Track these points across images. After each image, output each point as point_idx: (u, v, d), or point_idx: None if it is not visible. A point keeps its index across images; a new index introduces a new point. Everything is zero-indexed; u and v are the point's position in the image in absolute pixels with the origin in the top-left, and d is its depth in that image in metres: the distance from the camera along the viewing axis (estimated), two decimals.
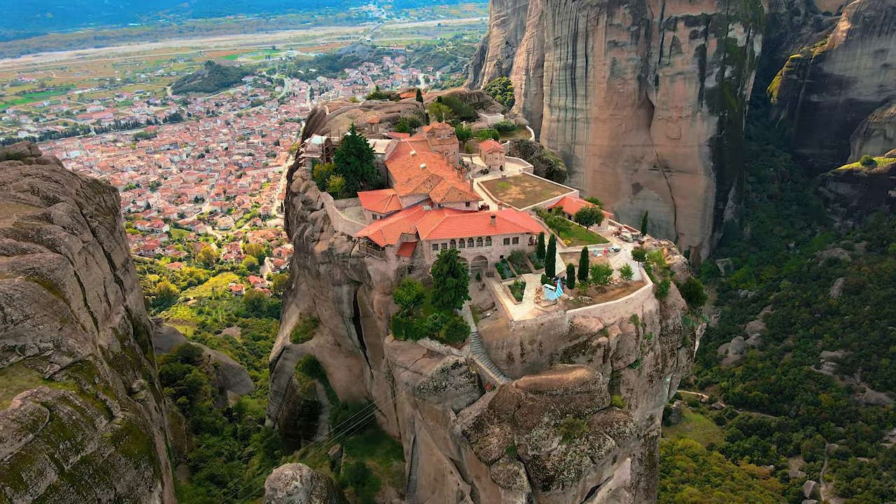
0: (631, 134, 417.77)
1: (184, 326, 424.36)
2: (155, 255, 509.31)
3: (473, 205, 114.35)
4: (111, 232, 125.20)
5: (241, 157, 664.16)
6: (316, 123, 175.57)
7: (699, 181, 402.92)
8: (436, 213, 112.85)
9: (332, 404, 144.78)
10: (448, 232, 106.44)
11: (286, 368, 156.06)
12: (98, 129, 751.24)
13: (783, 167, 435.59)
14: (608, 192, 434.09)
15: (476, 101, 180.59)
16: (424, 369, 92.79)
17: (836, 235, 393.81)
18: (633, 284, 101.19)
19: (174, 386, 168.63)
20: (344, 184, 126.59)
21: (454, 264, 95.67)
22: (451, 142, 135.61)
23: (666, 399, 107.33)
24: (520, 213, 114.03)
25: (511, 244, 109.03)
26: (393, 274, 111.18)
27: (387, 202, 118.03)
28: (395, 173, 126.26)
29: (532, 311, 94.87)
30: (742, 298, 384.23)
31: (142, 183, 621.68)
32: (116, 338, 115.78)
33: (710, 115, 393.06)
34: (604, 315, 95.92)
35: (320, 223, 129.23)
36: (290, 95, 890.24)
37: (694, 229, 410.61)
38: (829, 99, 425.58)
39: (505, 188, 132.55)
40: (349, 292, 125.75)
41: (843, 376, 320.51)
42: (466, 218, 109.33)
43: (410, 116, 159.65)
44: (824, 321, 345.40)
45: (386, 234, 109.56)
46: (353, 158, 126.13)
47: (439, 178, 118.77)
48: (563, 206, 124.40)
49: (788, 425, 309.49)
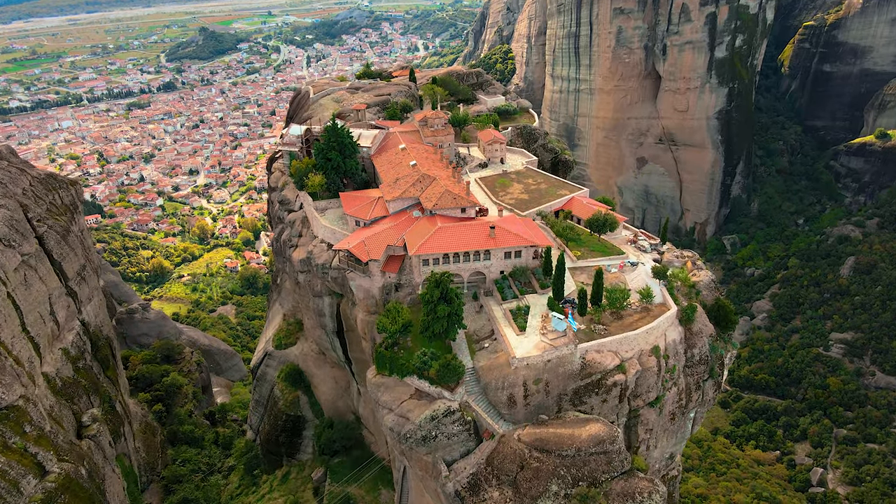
0: (636, 106, 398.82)
1: (177, 305, 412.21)
2: (148, 230, 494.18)
3: (470, 210, 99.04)
4: (64, 236, 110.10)
5: (236, 127, 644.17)
6: (300, 106, 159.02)
7: (706, 155, 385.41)
8: (427, 220, 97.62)
9: (317, 419, 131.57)
10: (440, 245, 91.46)
11: (268, 377, 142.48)
12: (91, 99, 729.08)
13: (793, 140, 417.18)
14: (612, 166, 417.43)
15: (475, 82, 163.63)
16: (412, 414, 78.69)
17: (846, 212, 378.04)
18: (654, 308, 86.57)
19: (150, 391, 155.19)
20: (324, 183, 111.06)
21: (446, 290, 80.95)
22: (445, 132, 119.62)
23: (689, 434, 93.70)
24: (522, 221, 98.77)
25: (513, 258, 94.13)
26: (378, 292, 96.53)
27: (371, 206, 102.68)
28: (382, 171, 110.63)
29: (537, 344, 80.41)
30: (748, 277, 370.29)
31: (135, 154, 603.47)
32: (68, 360, 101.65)
33: (720, 86, 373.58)
34: (621, 348, 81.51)
35: (298, 226, 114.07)
36: (286, 63, 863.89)
37: (700, 205, 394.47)
38: (843, 69, 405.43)
39: (506, 186, 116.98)
40: (331, 304, 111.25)
41: (853, 359, 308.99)
42: (462, 227, 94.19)
43: (402, 100, 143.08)
44: (833, 301, 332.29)
45: (369, 246, 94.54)
46: (335, 154, 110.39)
47: (431, 179, 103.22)
48: (572, 209, 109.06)
49: (795, 409, 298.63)
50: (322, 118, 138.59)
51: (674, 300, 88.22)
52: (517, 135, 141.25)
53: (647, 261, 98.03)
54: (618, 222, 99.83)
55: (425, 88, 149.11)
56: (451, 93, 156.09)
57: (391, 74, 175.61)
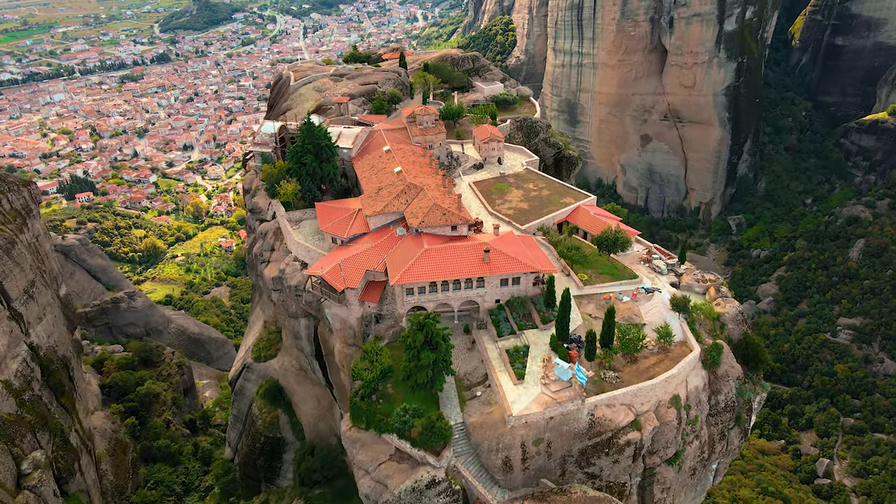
0: (641, 81, 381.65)
1: (170, 286, 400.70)
2: (141, 209, 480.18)
3: (461, 228, 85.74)
4: (7, 250, 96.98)
5: (231, 100, 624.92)
6: (280, 95, 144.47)
7: (713, 133, 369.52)
8: (412, 240, 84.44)
9: (298, 441, 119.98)
10: (426, 272, 78.44)
11: (247, 391, 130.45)
12: (83, 71, 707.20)
13: (802, 116, 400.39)
14: (615, 143, 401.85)
15: (470, 67, 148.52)
16: (391, 481, 66.59)
17: (856, 191, 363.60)
18: (674, 348, 74.00)
19: (124, 401, 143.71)
20: (298, 191, 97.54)
21: (432, 333, 68.25)
22: (435, 130, 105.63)
23: (710, 485, 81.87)
24: (521, 240, 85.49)
25: (510, 285, 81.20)
26: (356, 322, 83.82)
27: (349, 222, 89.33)
28: (364, 178, 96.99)
29: (538, 397, 67.99)
30: (754, 258, 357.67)
31: (128, 129, 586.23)
32: (10, 394, 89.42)
33: (728, 60, 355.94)
34: (635, 400, 69.08)
35: (271, 239, 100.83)
36: (283, 34, 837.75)
37: (705, 184, 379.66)
38: (856, 42, 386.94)
39: (503, 192, 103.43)
40: (308, 327, 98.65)
41: (861, 345, 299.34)
42: (451, 250, 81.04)
43: (390, 90, 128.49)
44: (842, 285, 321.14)
45: (346, 271, 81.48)
46: (310, 158, 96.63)
47: (418, 190, 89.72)
48: (577, 221, 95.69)
49: (801, 397, 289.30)
50: (301, 111, 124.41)
51: (696, 337, 75.55)
52: (516, 128, 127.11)
53: (664, 284, 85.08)
54: (630, 240, 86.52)
55: (416, 76, 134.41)
56: (445, 80, 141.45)
57: (381, 57, 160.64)
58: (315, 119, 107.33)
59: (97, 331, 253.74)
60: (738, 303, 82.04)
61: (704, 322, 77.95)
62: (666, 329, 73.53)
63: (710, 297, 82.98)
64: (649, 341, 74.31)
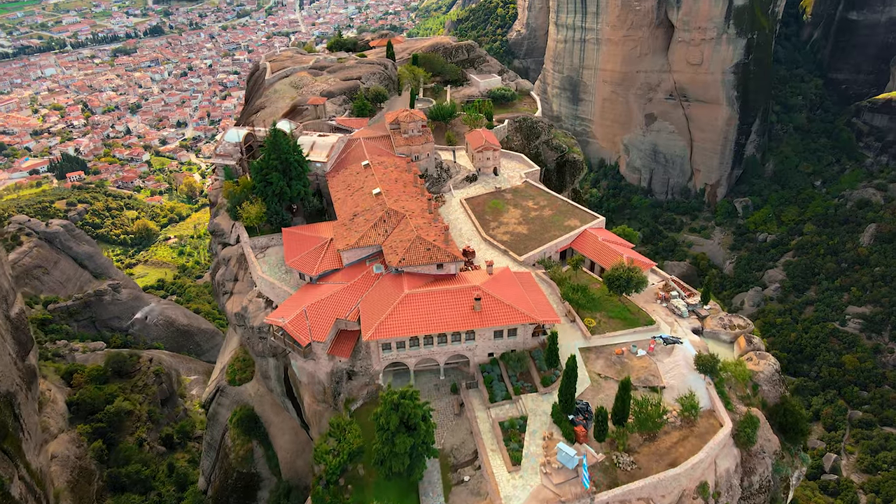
0: (646, 58, 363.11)
1: (163, 270, 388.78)
2: (134, 188, 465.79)
3: (449, 266, 72.52)
4: None
5: (225, 75, 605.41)
6: (255, 89, 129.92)
7: (720, 112, 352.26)
8: (390, 281, 71.32)
9: (274, 477, 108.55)
10: (405, 325, 65.49)
11: (220, 417, 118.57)
12: (74, 44, 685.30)
13: (813, 94, 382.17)
14: (618, 122, 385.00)
15: (465, 58, 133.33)
16: None
17: (867, 173, 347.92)
18: (699, 420, 61.44)
19: (91, 421, 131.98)
20: (264, 213, 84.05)
21: (409, 416, 55.56)
22: (421, 140, 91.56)
23: None
24: (518, 279, 72.32)
25: (506, 337, 68.39)
26: (326, 377, 71.21)
27: (319, 256, 76.03)
28: (338, 200, 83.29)
29: (537, 492, 55.54)
30: (760, 243, 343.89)
31: (121, 105, 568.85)
32: None
33: (738, 37, 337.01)
34: (655, 493, 56.63)
35: (234, 267, 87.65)
36: (278, 5, 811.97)
37: (711, 165, 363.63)
38: (870, 17, 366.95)
39: (499, 211, 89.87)
40: (277, 367, 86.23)
41: (871, 335, 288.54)
42: (437, 296, 67.92)
43: (374, 87, 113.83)
44: (851, 272, 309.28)
45: (312, 320, 68.50)
46: (277, 176, 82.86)
47: (399, 217, 76.28)
48: (584, 249, 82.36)
49: (808, 388, 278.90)
50: (275, 111, 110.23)
51: (726, 403, 62.88)
52: (515, 129, 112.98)
53: (685, 331, 72.16)
54: (645, 280, 73.20)
55: (403, 71, 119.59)
56: (437, 72, 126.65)
57: (367, 44, 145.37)
58: (285, 126, 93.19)
59: (80, 325, 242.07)
60: (773, 358, 69.16)
61: (735, 385, 65.17)
62: (691, 401, 60.82)
63: (740, 349, 70.09)
64: (671, 412, 61.72)
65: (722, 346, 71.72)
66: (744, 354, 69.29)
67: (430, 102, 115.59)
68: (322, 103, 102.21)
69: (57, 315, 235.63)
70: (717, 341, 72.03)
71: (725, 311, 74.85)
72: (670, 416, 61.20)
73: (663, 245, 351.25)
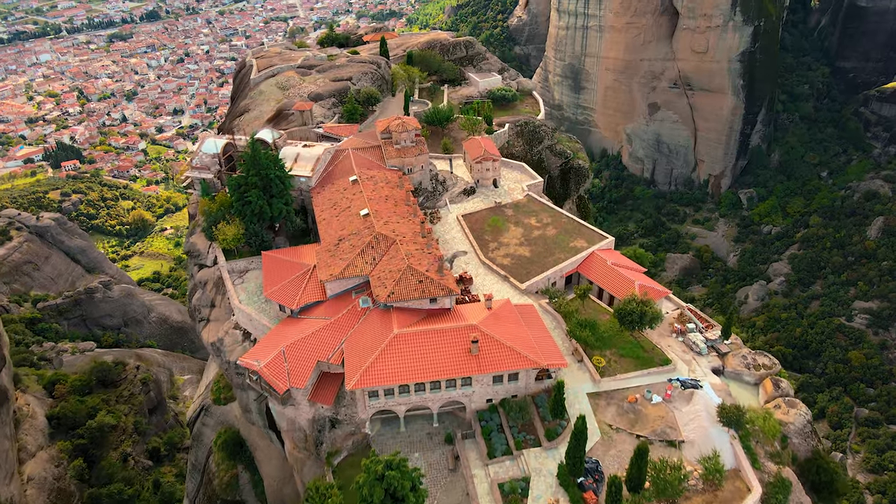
0: (650, 46, 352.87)
1: (158, 262, 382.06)
2: (129, 178, 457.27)
3: (444, 300, 64.95)
4: None
5: (223, 62, 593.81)
6: (241, 88, 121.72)
7: (725, 101, 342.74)
8: (378, 317, 63.81)
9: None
10: (394, 371, 58.07)
11: (205, 438, 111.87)
12: (70, 29, 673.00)
13: (820, 83, 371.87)
14: (620, 112, 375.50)
15: (463, 55, 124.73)
16: None
17: (875, 164, 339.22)
18: (724, 483, 54.27)
19: (71, 437, 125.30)
20: (242, 235, 76.43)
21: (396, 488, 48.37)
22: (415, 151, 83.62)
23: None
24: (520, 314, 64.88)
25: (506, 382, 61.08)
26: (307, 424, 64.02)
27: (301, 285, 68.49)
28: (322, 221, 75.52)
29: None
30: (765, 235, 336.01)
31: (117, 92, 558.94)
32: None
33: (744, 24, 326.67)
34: None
35: (211, 291, 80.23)
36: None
37: (716, 156, 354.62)
38: (880, 3, 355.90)
39: (499, 230, 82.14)
40: (259, 401, 78.95)
41: (877, 331, 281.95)
42: (429, 336, 60.41)
43: (366, 88, 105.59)
44: (858, 266, 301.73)
45: (291, 363, 61.14)
46: (256, 194, 75.09)
47: (388, 243, 68.66)
48: (592, 274, 74.71)
49: (813, 385, 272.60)
50: (260, 115, 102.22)
51: (753, 461, 55.69)
52: (516, 134, 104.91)
53: (705, 371, 64.81)
54: (660, 314, 65.58)
55: (398, 70, 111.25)
56: (433, 71, 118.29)
57: (361, 39, 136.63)
58: (267, 135, 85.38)
59: (70, 324, 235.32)
60: (803, 406, 61.87)
61: (763, 438, 57.86)
62: (715, 463, 53.58)
63: (766, 394, 62.71)
64: (692, 472, 54.53)
65: (745, 388, 64.40)
66: (770, 401, 61.98)
67: (426, 105, 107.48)
68: (309, 109, 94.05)
69: (46, 314, 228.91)
70: (740, 383, 64.71)
71: (748, 348, 67.41)
72: (691, 479, 54.03)
73: (666, 237, 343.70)
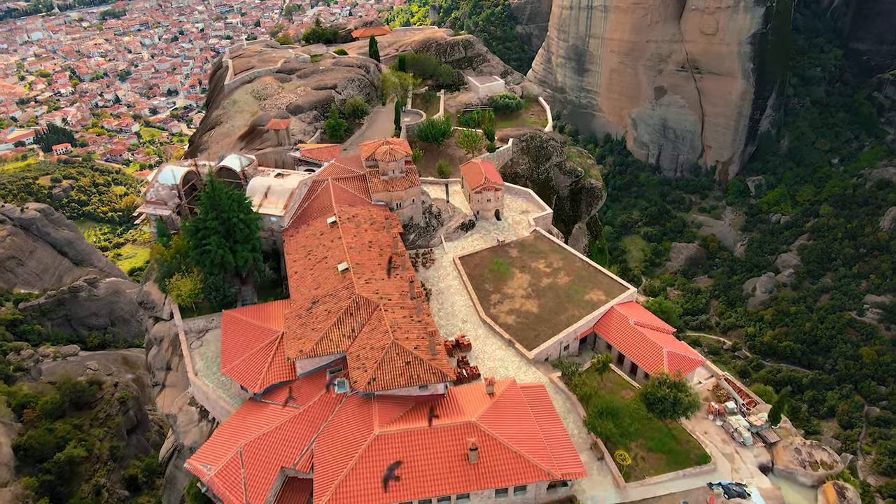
0: (657, 27, 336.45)
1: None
2: (122, 162, 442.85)
3: (436, 386, 52.98)
4: None
5: (217, 40, 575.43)
6: (215, 92, 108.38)
7: (734, 85, 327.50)
8: (356, 407, 51.93)
9: None
10: (375, 490, 46.40)
11: (178, 483, 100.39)
12: (62, 6, 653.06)
13: (832, 66, 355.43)
14: (626, 95, 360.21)
15: (461, 56, 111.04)
16: None
17: (888, 151, 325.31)
18: None
19: (37, 473, 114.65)
20: (200, 290, 64.22)
21: None
22: (405, 183, 70.96)
23: None
24: (528, 401, 53.00)
25: (512, 495, 49.50)
26: None
27: (266, 360, 56.44)
28: (294, 276, 63.15)
29: None
30: (773, 224, 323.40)
31: (110, 72, 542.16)
32: None
33: (756, 5, 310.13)
34: None
35: (167, 351, 68.28)
36: None
37: (723, 142, 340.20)
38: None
39: (502, 276, 69.90)
40: None
41: (890, 326, 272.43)
42: (418, 438, 48.79)
43: (352, 99, 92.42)
44: (870, 258, 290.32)
45: (249, 468, 49.44)
46: (216, 240, 62.78)
47: (371, 308, 56.50)
48: (611, 336, 62.57)
49: (823, 382, 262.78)
50: (232, 129, 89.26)
51: None
52: (522, 150, 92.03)
53: (751, 467, 53.17)
54: (698, 403, 53.73)
55: (387, 78, 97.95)
56: (428, 75, 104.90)
57: (350, 34, 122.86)
58: (235, 162, 72.70)
59: (54, 325, 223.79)
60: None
61: None
62: None
63: (830, 500, 51.14)
64: None
65: (800, 491, 52.83)
66: None
67: (420, 116, 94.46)
68: (285, 127, 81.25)
69: (29, 315, 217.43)
70: (794, 484, 53.11)
71: (801, 436, 55.72)
72: None
73: (671, 226, 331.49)
